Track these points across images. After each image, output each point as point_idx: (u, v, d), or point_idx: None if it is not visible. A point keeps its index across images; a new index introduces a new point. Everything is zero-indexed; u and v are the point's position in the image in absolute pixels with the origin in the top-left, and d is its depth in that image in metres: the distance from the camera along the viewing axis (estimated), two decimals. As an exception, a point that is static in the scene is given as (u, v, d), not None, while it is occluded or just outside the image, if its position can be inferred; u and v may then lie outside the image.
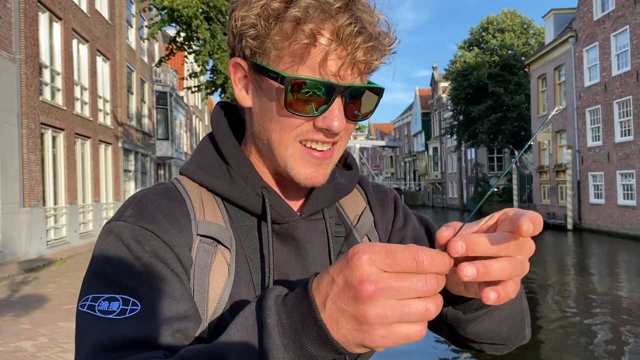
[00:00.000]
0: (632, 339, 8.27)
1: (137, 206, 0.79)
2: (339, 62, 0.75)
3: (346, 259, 0.54)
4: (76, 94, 17.94)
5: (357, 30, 0.74)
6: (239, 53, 0.82)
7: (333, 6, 0.74)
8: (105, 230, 0.78)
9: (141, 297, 0.70)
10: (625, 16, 22.33)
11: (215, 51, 12.53)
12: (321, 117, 0.77)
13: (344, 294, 0.54)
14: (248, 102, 0.84)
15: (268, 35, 0.76)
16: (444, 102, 50.83)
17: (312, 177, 0.82)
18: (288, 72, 0.75)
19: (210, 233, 0.81)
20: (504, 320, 0.75)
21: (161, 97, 28.87)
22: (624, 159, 22.64)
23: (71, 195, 17.03)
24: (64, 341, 6.62)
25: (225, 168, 0.86)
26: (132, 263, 0.72)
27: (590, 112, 25.26)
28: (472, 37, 41.21)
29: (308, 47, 0.74)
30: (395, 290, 0.52)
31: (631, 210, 22.20)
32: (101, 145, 20.38)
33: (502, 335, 0.77)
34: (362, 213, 1.00)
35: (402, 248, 0.53)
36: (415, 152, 66.59)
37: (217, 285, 0.79)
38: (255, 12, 0.76)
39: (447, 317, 0.74)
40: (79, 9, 18.15)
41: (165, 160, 31.19)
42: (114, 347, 0.65)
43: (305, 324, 0.57)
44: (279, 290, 0.61)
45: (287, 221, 0.85)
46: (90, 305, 0.69)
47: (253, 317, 0.60)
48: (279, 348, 0.57)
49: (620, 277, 14.31)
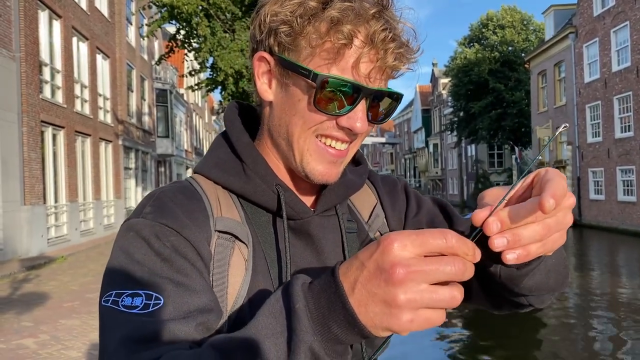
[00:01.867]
0: (633, 337, 8.29)
1: (155, 203, 0.81)
2: (370, 65, 0.78)
3: (377, 245, 0.57)
4: (76, 92, 17.95)
5: (390, 37, 0.78)
6: (266, 47, 0.84)
7: (369, 11, 0.77)
8: (125, 227, 0.79)
9: (163, 291, 0.71)
10: (625, 12, 22.29)
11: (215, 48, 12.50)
12: (345, 117, 0.80)
13: (375, 277, 0.56)
14: (270, 96, 0.86)
15: (302, 32, 0.78)
16: (444, 98, 50.78)
17: (326, 173, 0.84)
18: (319, 71, 0.78)
19: (228, 229, 0.83)
20: (550, 270, 0.77)
21: (161, 94, 28.86)
22: (624, 155, 22.63)
23: (72, 193, 17.06)
24: (65, 338, 6.65)
25: (240, 166, 0.88)
26: (153, 259, 0.74)
27: (591, 108, 25.24)
28: (472, 34, 41.15)
29: (341, 48, 0.77)
30: (425, 273, 0.54)
31: (631, 206, 22.20)
32: (101, 142, 20.39)
33: (551, 284, 0.80)
34: (374, 209, 1.02)
35: (431, 231, 0.56)
36: (415, 149, 66.56)
37: (236, 280, 0.81)
38: (290, 10, 0.79)
39: (501, 276, 0.76)
40: (78, 6, 18.14)
41: (166, 158, 31.19)
42: (142, 339, 0.67)
43: (333, 308, 0.59)
44: (304, 279, 0.63)
45: (301, 217, 0.87)
46: (114, 301, 0.71)
47: (280, 303, 0.62)
48: (307, 331, 0.59)
49: (621, 273, 14.33)
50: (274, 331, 0.60)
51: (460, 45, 41.84)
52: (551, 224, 0.60)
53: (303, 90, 0.81)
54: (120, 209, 22.35)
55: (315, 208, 0.90)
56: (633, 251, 18.54)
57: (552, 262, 0.77)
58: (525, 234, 0.59)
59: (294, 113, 0.82)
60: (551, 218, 0.60)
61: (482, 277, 0.80)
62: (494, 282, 0.80)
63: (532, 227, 0.59)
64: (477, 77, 38.04)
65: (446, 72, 44.12)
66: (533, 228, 0.60)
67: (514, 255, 0.60)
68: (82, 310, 8.14)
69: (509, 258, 0.60)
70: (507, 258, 0.60)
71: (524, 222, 0.59)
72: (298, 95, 0.81)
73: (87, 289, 9.92)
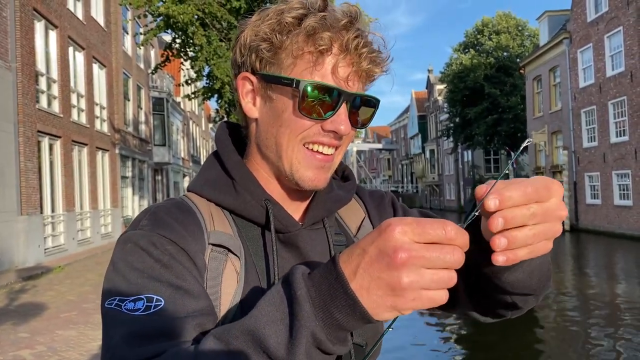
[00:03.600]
0: (630, 341, 8.30)
1: (152, 217, 0.84)
2: (347, 70, 0.84)
3: (379, 231, 0.59)
4: (73, 101, 17.96)
5: (362, 43, 0.84)
6: (248, 68, 0.89)
7: (341, 22, 0.84)
8: (122, 239, 0.82)
9: (163, 294, 0.74)
10: (618, 17, 22.44)
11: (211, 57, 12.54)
12: (329, 121, 0.85)
13: (377, 262, 0.59)
14: (255, 113, 0.91)
15: (281, 46, 0.84)
16: (440, 104, 50.92)
17: (316, 178, 0.88)
18: (301, 78, 0.83)
19: (221, 242, 0.86)
20: (534, 271, 0.80)
21: (158, 103, 28.86)
22: (619, 159, 22.71)
23: (69, 203, 17.03)
24: (62, 349, 6.63)
25: (230, 183, 0.91)
26: (153, 265, 0.77)
27: (586, 113, 25.34)
28: (468, 40, 41.31)
29: (320, 56, 0.83)
30: (426, 259, 0.57)
31: (627, 210, 22.26)
32: (98, 152, 20.38)
33: (533, 285, 0.82)
34: (362, 223, 1.05)
35: (431, 221, 0.59)
36: (412, 155, 66.62)
37: (228, 291, 0.83)
38: (269, 28, 0.85)
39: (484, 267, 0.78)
40: (74, 16, 18.18)
41: (163, 166, 31.15)
42: (145, 336, 0.70)
43: (334, 294, 0.61)
44: (303, 269, 0.65)
45: (289, 230, 0.90)
46: (117, 304, 0.74)
47: (280, 293, 0.64)
48: (309, 317, 0.61)
49: (618, 277, 14.35)
50: (274, 318, 0.62)
51: (455, 51, 41.99)
52: (541, 231, 0.63)
53: (287, 100, 0.85)
54: (118, 218, 22.31)
55: (304, 221, 0.93)
56: (629, 255, 18.57)
57: (536, 263, 0.79)
58: (520, 236, 0.62)
59: (280, 124, 0.87)
60: (542, 225, 0.63)
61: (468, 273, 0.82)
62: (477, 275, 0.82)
63: (524, 230, 0.62)
64: (472, 83, 38.16)
65: (442, 78, 44.23)
66: (525, 232, 0.62)
67: (503, 258, 0.63)
68: (79, 321, 8.12)
69: (499, 260, 0.63)
70: (498, 260, 0.63)
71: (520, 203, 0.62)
72: (282, 106, 0.86)
73: (85, 299, 9.90)
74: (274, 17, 0.85)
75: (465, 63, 39.30)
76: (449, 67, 41.66)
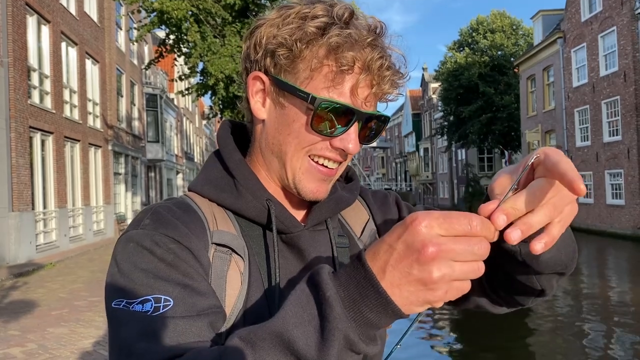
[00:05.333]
0: (622, 340, 8.35)
1: (153, 216, 0.82)
2: (366, 91, 0.82)
3: (404, 226, 0.58)
4: (65, 97, 17.84)
5: (386, 65, 0.82)
6: (261, 68, 0.87)
7: (366, 40, 0.81)
8: (124, 239, 0.80)
9: (171, 293, 0.73)
10: (612, 17, 22.53)
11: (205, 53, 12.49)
12: (338, 139, 0.84)
13: (405, 258, 0.58)
14: (263, 114, 0.88)
15: (300, 56, 0.81)
16: (435, 102, 51.00)
17: (317, 191, 0.88)
18: (317, 94, 0.81)
19: (225, 242, 0.84)
20: (560, 245, 0.79)
21: (151, 99, 28.74)
22: (612, 159, 22.82)
23: (61, 199, 16.93)
24: (53, 347, 6.58)
25: (232, 182, 0.90)
26: (158, 264, 0.75)
27: (579, 113, 25.45)
28: (462, 38, 41.38)
29: (339, 74, 0.80)
30: (454, 252, 0.57)
31: (620, 210, 22.38)
32: (91, 148, 20.27)
33: (564, 259, 0.81)
34: (366, 225, 1.04)
35: (456, 214, 0.58)
36: (406, 153, 66.73)
37: (233, 292, 0.82)
38: (289, 33, 0.81)
39: (522, 252, 0.77)
40: (67, 11, 18.05)
41: (156, 163, 31.04)
42: (159, 335, 0.69)
43: (364, 293, 0.60)
44: (328, 268, 0.64)
45: (291, 231, 0.89)
46: (125, 305, 0.72)
47: (305, 294, 0.63)
48: (341, 318, 0.59)
49: (610, 276, 14.43)
50: (302, 320, 0.61)
51: (450, 50, 42.06)
52: (557, 202, 0.62)
53: (299, 111, 0.83)
54: (110, 215, 22.22)
55: (306, 222, 0.91)
56: (622, 254, 18.69)
57: (560, 239, 0.78)
58: (535, 219, 0.61)
59: (288, 132, 0.85)
60: (555, 197, 0.62)
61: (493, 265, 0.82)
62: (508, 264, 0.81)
63: (539, 211, 0.61)
64: (467, 82, 38.23)
65: (436, 77, 44.30)
66: (541, 212, 0.61)
67: (541, 244, 0.62)
68: (70, 318, 8.07)
69: (538, 248, 0.62)
70: (536, 249, 0.62)
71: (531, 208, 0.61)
72: (293, 115, 0.84)
73: (76, 296, 9.83)
74: (296, 22, 0.82)
75: (460, 61, 39.38)
76: (443, 66, 41.73)
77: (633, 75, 21.21)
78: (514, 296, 0.91)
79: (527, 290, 0.87)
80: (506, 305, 0.95)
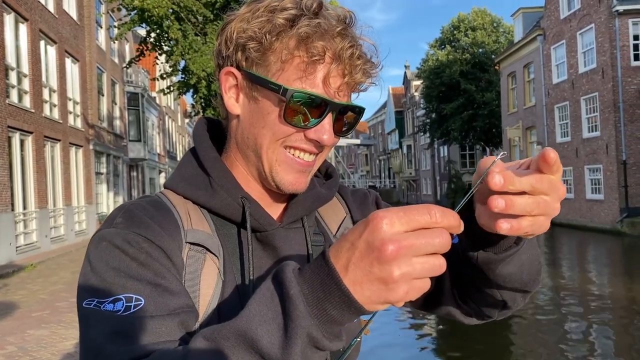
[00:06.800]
0: (602, 331, 8.48)
1: (126, 214, 0.81)
2: (338, 81, 0.82)
3: (365, 224, 0.58)
4: (45, 96, 17.60)
5: (357, 54, 0.82)
6: (233, 63, 0.86)
7: (335, 29, 0.81)
8: (97, 238, 0.79)
9: (143, 292, 0.72)
10: (590, 15, 22.85)
11: (187, 51, 12.40)
12: (313, 130, 0.83)
13: (366, 256, 0.57)
14: (237, 110, 0.88)
15: (271, 48, 0.81)
16: (417, 100, 51.23)
17: (296, 182, 0.87)
18: (289, 85, 0.80)
19: (199, 240, 0.84)
20: (524, 264, 0.79)
21: (133, 98, 28.48)
22: (591, 154, 23.17)
23: (41, 200, 16.70)
24: (33, 349, 6.50)
25: (207, 180, 0.89)
26: (130, 264, 0.75)
27: (559, 109, 25.78)
28: (444, 36, 41.59)
29: (311, 64, 0.80)
30: (415, 247, 0.56)
31: (599, 204, 22.74)
32: (72, 147, 20.02)
33: (524, 279, 0.82)
34: (342, 222, 1.03)
35: (416, 206, 0.58)
36: (389, 150, 66.97)
37: (207, 291, 0.82)
38: (258, 26, 0.81)
39: (478, 259, 0.78)
40: (45, 9, 17.79)
41: (138, 162, 30.77)
42: (128, 336, 0.68)
43: (327, 290, 0.59)
44: (293, 265, 0.63)
45: (266, 229, 0.88)
46: (97, 305, 0.72)
47: (270, 291, 0.62)
48: (304, 316, 0.59)
49: (590, 270, 14.65)
50: (266, 318, 0.60)
51: (432, 48, 42.26)
52: (542, 202, 0.63)
53: (272, 103, 0.83)
54: (92, 215, 21.98)
55: (282, 220, 0.91)
56: (601, 248, 18.99)
57: (526, 257, 0.79)
58: (519, 201, 0.61)
59: (262, 125, 0.84)
60: (543, 197, 0.63)
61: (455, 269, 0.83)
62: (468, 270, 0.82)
63: (526, 198, 0.62)
64: (448, 79, 38.47)
65: (418, 74, 44.49)
66: (526, 199, 0.62)
67: (507, 225, 0.63)
68: (51, 320, 7.97)
69: (503, 227, 0.63)
70: (502, 227, 0.63)
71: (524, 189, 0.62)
72: (267, 108, 0.84)
73: (57, 297, 9.73)
74: (265, 15, 0.81)
75: (442, 59, 39.61)
76: (425, 63, 41.92)
77: (611, 71, 21.55)
78: (480, 307, 0.92)
79: (491, 302, 0.87)
80: (476, 316, 0.96)
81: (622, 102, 21.35)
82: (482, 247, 0.78)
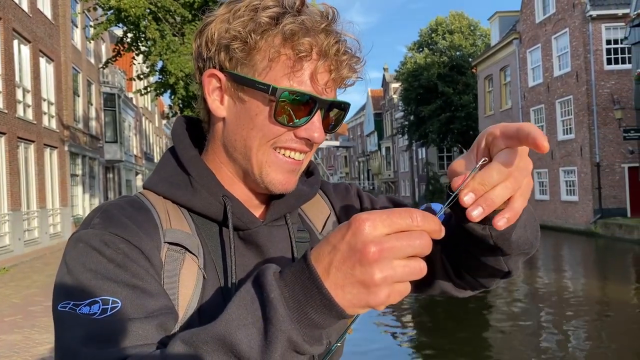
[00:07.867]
0: (576, 328, 8.63)
1: (103, 215, 0.80)
2: (325, 77, 0.82)
3: (347, 226, 0.57)
4: (18, 97, 17.25)
5: (343, 49, 0.82)
6: (215, 64, 0.84)
7: (320, 25, 0.80)
8: (74, 239, 0.78)
9: (120, 294, 0.71)
10: (565, 19, 23.26)
11: (164, 52, 12.27)
12: (303, 128, 0.82)
13: (348, 259, 0.57)
14: (222, 113, 0.86)
15: (256, 47, 0.80)
16: (395, 102, 51.54)
17: (286, 182, 0.86)
18: (277, 84, 0.79)
19: (178, 240, 0.82)
20: (526, 224, 0.80)
21: (109, 98, 28.12)
22: (566, 157, 23.58)
23: (14, 202, 16.36)
24: (5, 355, 6.36)
25: (187, 179, 0.87)
26: (107, 265, 0.73)
27: (535, 112, 26.18)
28: (422, 39, 41.95)
29: (297, 62, 0.79)
30: (396, 249, 0.56)
31: (574, 206, 23.14)
32: (46, 149, 19.66)
33: (530, 238, 0.82)
34: (327, 219, 1.03)
35: (397, 209, 0.58)
36: (368, 152, 67.26)
37: (187, 291, 0.80)
38: (241, 26, 0.80)
39: (493, 235, 0.77)
40: (19, 8, 17.46)
41: (114, 164, 30.37)
42: (104, 339, 0.67)
43: (308, 294, 0.59)
44: (274, 268, 0.63)
45: (249, 227, 0.87)
46: (72, 308, 0.70)
47: (250, 295, 0.61)
48: (285, 320, 0.58)
49: (565, 270, 14.90)
50: (245, 322, 0.60)
51: (410, 50, 42.58)
52: (517, 174, 0.64)
53: (260, 104, 0.82)
54: (67, 217, 21.61)
55: (265, 218, 0.90)
56: (576, 248, 19.33)
57: (524, 217, 0.79)
58: (495, 194, 0.63)
59: (251, 127, 0.83)
60: (516, 169, 0.64)
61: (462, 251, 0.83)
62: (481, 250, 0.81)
63: (499, 186, 0.63)
64: (426, 81, 38.77)
65: (397, 77, 44.77)
66: (501, 186, 0.63)
67: (504, 220, 0.64)
68: (24, 325, 7.81)
69: (501, 225, 0.64)
70: (499, 225, 0.64)
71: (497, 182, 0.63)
72: (255, 109, 0.82)
73: (31, 301, 9.53)
74: (247, 14, 0.80)
75: (420, 62, 39.92)
76: (403, 66, 42.20)
77: (585, 75, 21.97)
78: (479, 279, 0.92)
79: (495, 272, 0.87)
80: (470, 288, 0.97)
81: (596, 105, 21.79)
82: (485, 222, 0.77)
